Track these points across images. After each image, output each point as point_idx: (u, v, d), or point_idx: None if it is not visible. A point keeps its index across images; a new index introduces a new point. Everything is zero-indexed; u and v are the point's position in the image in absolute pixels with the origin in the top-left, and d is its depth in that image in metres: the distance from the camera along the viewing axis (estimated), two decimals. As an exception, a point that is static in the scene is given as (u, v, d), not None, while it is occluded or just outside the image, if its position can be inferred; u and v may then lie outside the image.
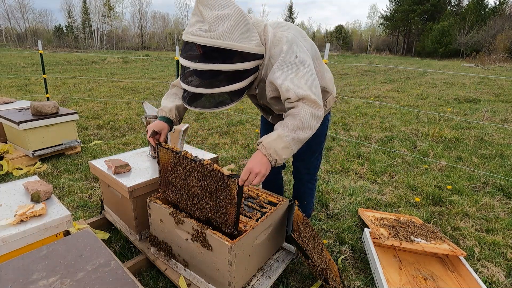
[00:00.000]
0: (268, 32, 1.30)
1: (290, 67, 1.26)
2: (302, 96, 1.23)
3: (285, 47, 1.27)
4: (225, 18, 1.15)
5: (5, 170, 2.92)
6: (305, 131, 1.24)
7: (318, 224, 2.27)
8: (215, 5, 1.16)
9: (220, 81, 1.23)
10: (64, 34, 46.83)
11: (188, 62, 1.22)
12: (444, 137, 4.34)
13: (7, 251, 1.30)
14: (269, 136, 1.24)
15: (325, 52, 3.79)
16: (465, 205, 2.57)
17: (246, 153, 3.69)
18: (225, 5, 1.18)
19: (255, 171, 1.20)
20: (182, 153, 1.40)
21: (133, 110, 5.76)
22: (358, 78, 11.80)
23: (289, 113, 1.27)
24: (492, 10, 36.77)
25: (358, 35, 60.97)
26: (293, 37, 1.30)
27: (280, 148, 1.21)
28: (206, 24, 1.15)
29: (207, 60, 1.20)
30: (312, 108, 1.24)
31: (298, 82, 1.24)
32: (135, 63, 16.39)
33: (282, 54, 1.26)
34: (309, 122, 1.24)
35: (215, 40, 1.14)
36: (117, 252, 1.89)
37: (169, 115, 1.50)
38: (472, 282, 1.63)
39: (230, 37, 1.16)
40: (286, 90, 1.25)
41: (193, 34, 1.17)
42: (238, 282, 1.39)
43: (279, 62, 1.27)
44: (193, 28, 1.18)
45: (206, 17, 1.15)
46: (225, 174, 1.26)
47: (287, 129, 1.23)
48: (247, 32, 1.21)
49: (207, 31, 1.15)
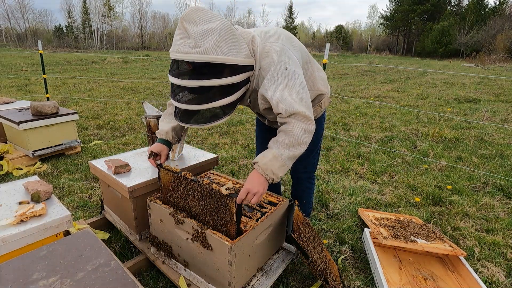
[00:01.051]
0: (257, 43, 1.27)
1: (281, 80, 1.24)
2: (294, 112, 1.24)
3: (274, 59, 1.24)
4: (210, 33, 1.13)
5: (5, 170, 2.92)
6: (299, 148, 1.27)
7: (318, 224, 2.27)
8: (199, 20, 1.14)
9: (211, 96, 1.22)
10: (64, 34, 46.86)
11: (177, 80, 1.20)
12: (444, 137, 4.34)
13: (7, 251, 1.30)
14: (265, 156, 1.27)
15: (325, 52, 3.79)
16: (465, 205, 2.57)
17: (246, 153, 3.69)
18: (209, 19, 1.16)
19: (253, 191, 1.23)
20: (182, 174, 1.42)
21: (133, 110, 5.77)
22: (358, 78, 11.80)
23: (281, 129, 1.29)
24: (492, 10, 36.79)
25: (358, 35, 61.00)
26: (281, 48, 1.27)
27: (277, 168, 1.25)
28: (192, 40, 1.13)
29: (196, 76, 1.18)
30: (303, 123, 1.25)
31: (289, 96, 1.24)
32: (135, 63, 16.39)
33: (272, 67, 1.24)
34: (302, 139, 1.26)
35: (202, 55, 1.12)
36: (117, 252, 1.89)
37: (166, 137, 1.55)
38: (472, 282, 1.63)
39: (217, 51, 1.14)
40: (278, 105, 1.25)
41: (179, 52, 1.15)
42: (238, 282, 1.39)
43: (270, 75, 1.25)
44: (178, 45, 1.16)
45: (191, 33, 1.13)
46: (224, 194, 1.29)
47: (281, 148, 1.25)
48: (234, 44, 1.19)
49: (193, 47, 1.12)
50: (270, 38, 1.30)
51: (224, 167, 3.27)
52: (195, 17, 1.14)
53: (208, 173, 1.93)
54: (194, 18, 1.14)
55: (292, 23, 55.88)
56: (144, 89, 8.26)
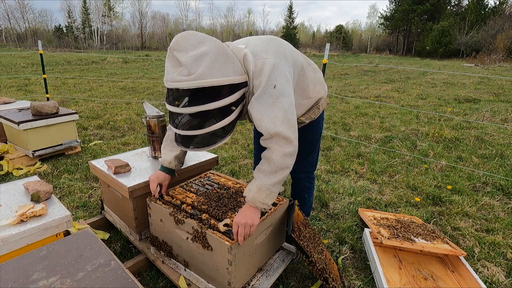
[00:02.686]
0: (249, 61, 1.25)
1: (267, 98, 1.24)
2: (274, 133, 1.25)
3: (264, 78, 1.23)
4: (202, 57, 1.12)
5: (5, 170, 2.92)
6: (281, 172, 1.30)
7: (318, 224, 2.27)
8: (189, 46, 1.13)
9: (211, 119, 1.21)
10: (64, 34, 46.84)
11: (175, 108, 1.20)
12: (444, 137, 4.34)
13: (7, 251, 1.30)
14: (250, 190, 1.32)
15: (325, 52, 3.79)
16: (465, 205, 2.57)
17: (246, 153, 3.69)
18: (199, 42, 1.15)
19: (241, 222, 1.27)
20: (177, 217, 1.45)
21: (133, 110, 5.77)
22: (358, 78, 11.80)
23: (264, 156, 1.33)
24: (492, 10, 36.76)
25: (358, 35, 60.99)
26: (273, 64, 1.25)
27: (264, 198, 1.30)
28: (185, 68, 1.12)
29: (194, 102, 1.17)
30: (283, 147, 1.27)
31: (272, 114, 1.24)
32: (135, 63, 16.39)
33: (261, 85, 1.24)
34: (283, 163, 1.28)
35: (197, 81, 1.12)
36: (117, 252, 1.89)
37: (170, 166, 1.60)
38: (472, 282, 1.63)
39: (211, 74, 1.13)
40: (260, 124, 1.26)
41: (173, 81, 1.14)
42: (238, 282, 1.39)
43: (258, 93, 1.25)
44: (172, 74, 1.15)
45: (183, 61, 1.12)
46: (222, 231, 1.33)
47: (264, 177, 1.30)
48: (227, 63, 1.18)
49: (187, 75, 1.12)
50: (262, 54, 1.28)
51: (224, 167, 3.27)
52: (184, 44, 1.14)
53: (208, 173, 1.93)
54: (183, 45, 1.14)
55: (292, 23, 55.86)
56: (144, 89, 8.26)
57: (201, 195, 1.63)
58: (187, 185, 1.75)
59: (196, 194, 1.65)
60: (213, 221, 1.40)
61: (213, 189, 1.70)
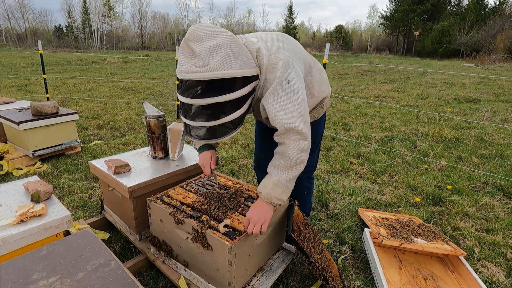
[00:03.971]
0: (262, 55, 1.26)
1: (282, 93, 1.25)
2: (290, 128, 1.25)
3: (279, 73, 1.25)
4: (216, 49, 1.13)
5: (5, 170, 2.92)
6: (297, 168, 1.31)
7: (318, 224, 2.27)
8: (204, 37, 1.14)
9: (223, 111, 1.22)
10: (64, 34, 46.84)
11: (188, 99, 1.20)
12: (444, 137, 4.34)
13: (7, 251, 1.30)
14: (266, 186, 1.32)
15: (325, 52, 3.79)
16: (465, 205, 2.57)
17: (246, 153, 3.68)
18: (213, 33, 1.15)
19: (261, 220, 1.29)
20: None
21: (133, 110, 5.77)
22: (358, 78, 11.80)
23: (278, 151, 1.32)
24: (492, 10, 36.76)
25: (358, 35, 60.98)
26: (287, 60, 1.27)
27: (280, 193, 1.31)
28: (199, 59, 1.13)
29: (207, 93, 1.17)
30: (298, 142, 1.27)
31: (288, 109, 1.25)
32: (135, 63, 16.39)
33: (276, 79, 1.25)
34: (299, 159, 1.29)
35: (211, 72, 1.12)
36: (117, 252, 1.89)
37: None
38: (472, 282, 1.63)
39: (225, 65, 1.13)
40: (275, 119, 1.26)
41: (188, 72, 1.14)
42: (238, 282, 1.39)
43: (272, 88, 1.26)
44: (186, 65, 1.15)
45: (198, 52, 1.12)
46: (222, 232, 1.34)
47: (280, 172, 1.30)
48: (241, 56, 1.18)
49: (201, 66, 1.12)
50: (276, 49, 1.29)
51: (224, 167, 3.27)
52: (199, 34, 1.14)
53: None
54: (198, 36, 1.14)
55: (292, 23, 55.87)
56: (144, 89, 8.26)
57: (201, 195, 1.63)
58: (187, 185, 1.75)
59: (196, 194, 1.65)
60: (213, 222, 1.40)
61: (213, 189, 1.70)
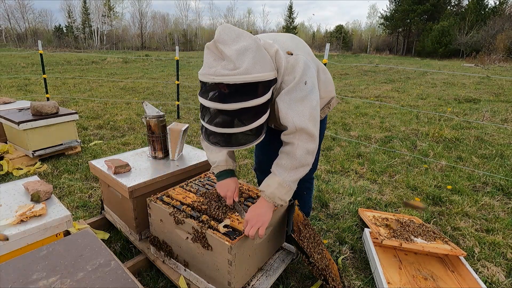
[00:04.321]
0: (281, 57, 1.25)
1: (298, 93, 1.25)
2: (300, 128, 1.24)
3: (298, 74, 1.24)
4: (245, 52, 1.10)
5: (5, 170, 2.92)
6: (302, 169, 1.30)
7: (318, 224, 2.27)
8: (230, 40, 1.11)
9: (249, 117, 1.16)
10: (64, 34, 46.86)
11: (214, 103, 1.12)
12: (444, 137, 4.34)
13: (7, 251, 1.30)
14: (270, 185, 1.31)
15: (325, 52, 3.78)
16: (465, 205, 2.57)
17: (246, 153, 3.68)
18: (238, 36, 1.12)
19: (259, 223, 1.29)
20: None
21: (133, 110, 5.77)
22: (358, 78, 11.80)
23: (284, 151, 1.31)
24: (492, 10, 36.76)
25: (358, 35, 60.99)
26: (305, 62, 1.27)
27: (283, 194, 1.31)
28: (230, 62, 1.09)
29: (235, 98, 1.11)
30: (307, 143, 1.27)
31: (300, 109, 1.24)
32: (135, 63, 16.39)
33: (294, 80, 1.24)
34: (305, 160, 1.28)
35: (243, 76, 1.08)
36: (117, 252, 1.89)
37: (228, 167, 1.51)
38: (472, 282, 1.63)
39: (255, 69, 1.11)
40: (287, 117, 1.25)
41: (217, 75, 1.09)
42: (238, 282, 1.39)
43: (290, 87, 1.25)
44: (215, 68, 1.10)
45: (228, 54, 1.09)
46: (222, 232, 1.34)
47: (285, 172, 1.29)
48: (265, 59, 1.17)
49: (232, 69, 1.08)
50: (295, 51, 1.29)
51: (224, 167, 3.26)
52: (225, 37, 1.11)
53: (208, 173, 1.93)
54: (225, 38, 1.11)
55: (292, 23, 55.89)
56: (144, 89, 8.26)
57: (201, 195, 1.63)
58: (187, 185, 1.75)
59: (196, 194, 1.65)
60: (213, 222, 1.40)
61: (213, 189, 1.70)
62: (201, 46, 56.19)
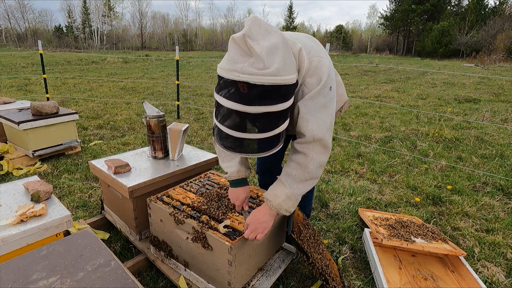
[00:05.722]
0: (304, 57, 1.16)
1: (322, 99, 1.18)
2: (318, 138, 1.19)
3: (323, 78, 1.16)
4: (275, 50, 0.99)
5: (5, 170, 2.92)
6: (311, 182, 1.26)
7: (318, 224, 2.27)
8: (260, 35, 0.99)
9: (271, 122, 1.05)
10: (64, 34, 46.88)
11: (234, 104, 0.99)
12: (444, 137, 4.34)
13: (7, 251, 1.30)
14: (277, 196, 1.26)
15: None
16: (465, 205, 2.57)
17: (246, 153, 3.68)
18: (268, 31, 1.01)
19: (259, 229, 1.28)
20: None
21: (133, 110, 5.76)
22: (358, 78, 11.80)
23: (296, 160, 1.24)
24: (492, 10, 36.79)
25: (358, 35, 61.00)
26: (329, 66, 1.20)
27: (290, 206, 1.28)
28: (259, 60, 0.96)
29: (259, 101, 0.99)
30: (321, 156, 1.22)
31: (321, 118, 1.19)
32: (135, 63, 16.39)
33: (320, 84, 1.16)
34: (316, 173, 1.25)
35: (273, 77, 0.97)
36: (117, 252, 1.89)
37: (239, 176, 1.44)
38: (472, 282, 1.63)
39: (285, 70, 1.00)
40: (307, 125, 1.18)
41: (244, 72, 0.96)
42: (238, 282, 1.39)
43: (315, 91, 1.17)
44: (242, 64, 0.97)
45: (258, 51, 0.96)
46: (222, 232, 1.34)
47: (295, 183, 1.24)
48: (292, 60, 1.07)
49: (262, 68, 0.96)
50: (316, 52, 1.20)
51: (224, 167, 3.26)
52: (255, 31, 0.99)
53: (208, 173, 1.93)
54: (254, 33, 0.99)
55: (292, 23, 55.91)
56: (144, 89, 8.26)
57: (201, 195, 1.63)
58: (187, 185, 1.75)
59: (196, 194, 1.65)
60: (213, 223, 1.40)
61: (213, 189, 1.70)
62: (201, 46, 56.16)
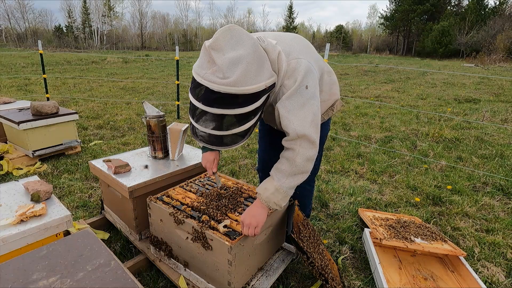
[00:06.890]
0: (282, 60, 1.23)
1: (299, 98, 1.23)
2: (302, 135, 1.24)
3: (298, 78, 1.22)
4: (238, 63, 1.07)
5: (5, 170, 2.92)
6: (300, 176, 1.31)
7: (318, 224, 2.27)
8: (227, 47, 1.08)
9: (234, 122, 1.17)
10: (64, 34, 46.85)
11: (200, 104, 1.13)
12: (444, 137, 4.34)
13: (7, 251, 1.30)
14: (267, 189, 1.31)
15: (325, 52, 3.79)
16: (465, 205, 2.57)
17: (246, 153, 3.68)
18: (237, 42, 1.09)
19: (253, 224, 1.29)
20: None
21: (133, 110, 5.77)
22: (358, 78, 11.80)
23: (285, 156, 1.30)
24: (492, 10, 36.80)
25: (358, 35, 60.99)
26: (307, 66, 1.25)
27: (279, 199, 1.31)
28: (220, 70, 1.07)
29: (220, 103, 1.11)
30: (307, 150, 1.27)
31: (302, 115, 1.23)
32: (135, 63, 16.39)
33: (295, 84, 1.22)
34: (304, 167, 1.29)
35: (230, 87, 1.07)
36: (117, 252, 1.89)
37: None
38: (472, 282, 1.63)
39: (246, 81, 1.09)
40: (288, 124, 1.24)
41: (205, 79, 1.09)
42: (238, 282, 1.39)
43: (290, 92, 1.23)
44: (205, 70, 1.10)
45: (219, 63, 1.07)
46: (221, 232, 1.35)
47: (283, 177, 1.29)
48: (261, 69, 1.14)
49: (221, 78, 1.07)
50: (296, 54, 1.26)
51: (224, 167, 3.27)
52: (221, 43, 1.08)
53: (208, 173, 1.93)
54: (221, 45, 1.08)
55: (292, 23, 55.90)
56: (144, 89, 8.26)
57: (201, 195, 1.63)
58: (187, 185, 1.75)
59: (196, 194, 1.65)
60: (213, 222, 1.40)
61: (213, 189, 1.70)
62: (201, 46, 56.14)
